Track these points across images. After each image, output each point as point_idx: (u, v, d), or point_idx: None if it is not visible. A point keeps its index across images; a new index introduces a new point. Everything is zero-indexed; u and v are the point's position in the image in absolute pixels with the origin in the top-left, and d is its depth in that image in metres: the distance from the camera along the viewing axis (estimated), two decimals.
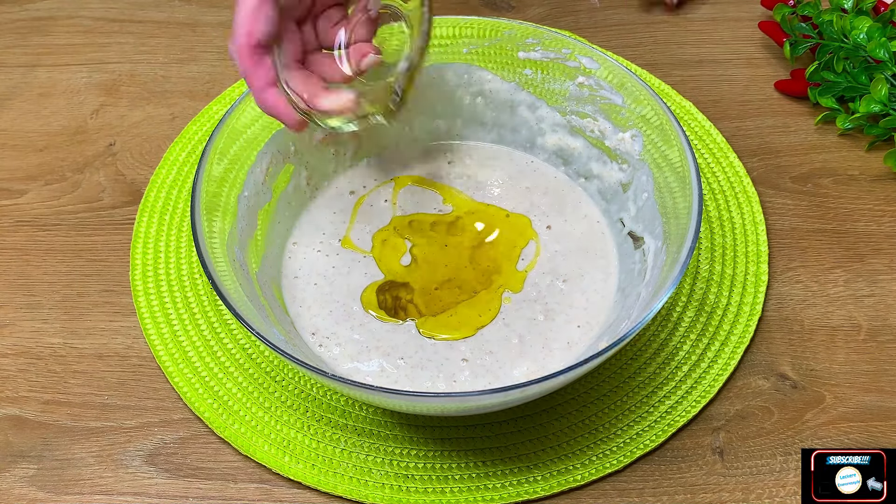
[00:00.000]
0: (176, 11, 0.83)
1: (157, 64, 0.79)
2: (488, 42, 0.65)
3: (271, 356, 0.61)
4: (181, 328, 0.62)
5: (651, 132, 0.60)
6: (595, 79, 0.63)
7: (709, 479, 0.56)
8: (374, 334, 0.59)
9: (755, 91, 0.76)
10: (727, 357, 0.61)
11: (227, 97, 0.75)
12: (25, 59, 0.80)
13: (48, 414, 0.59)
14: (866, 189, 0.70)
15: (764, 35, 0.80)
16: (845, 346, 0.62)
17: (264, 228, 0.62)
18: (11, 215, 0.69)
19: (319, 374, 0.49)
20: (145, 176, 0.71)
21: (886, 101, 0.69)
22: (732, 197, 0.69)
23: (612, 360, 0.61)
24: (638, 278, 0.59)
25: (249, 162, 0.61)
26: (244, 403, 0.59)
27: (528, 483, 0.56)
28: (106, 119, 0.75)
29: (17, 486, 0.56)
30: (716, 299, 0.63)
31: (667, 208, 0.58)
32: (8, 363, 0.61)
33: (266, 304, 0.57)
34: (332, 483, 0.56)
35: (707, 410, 0.59)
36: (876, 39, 0.70)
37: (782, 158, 0.72)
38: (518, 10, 0.83)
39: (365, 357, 0.58)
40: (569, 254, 0.63)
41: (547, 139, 0.67)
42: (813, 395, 0.60)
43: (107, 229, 0.68)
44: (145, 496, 0.56)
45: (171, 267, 0.65)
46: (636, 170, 0.62)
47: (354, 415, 0.59)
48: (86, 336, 0.63)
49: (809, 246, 0.67)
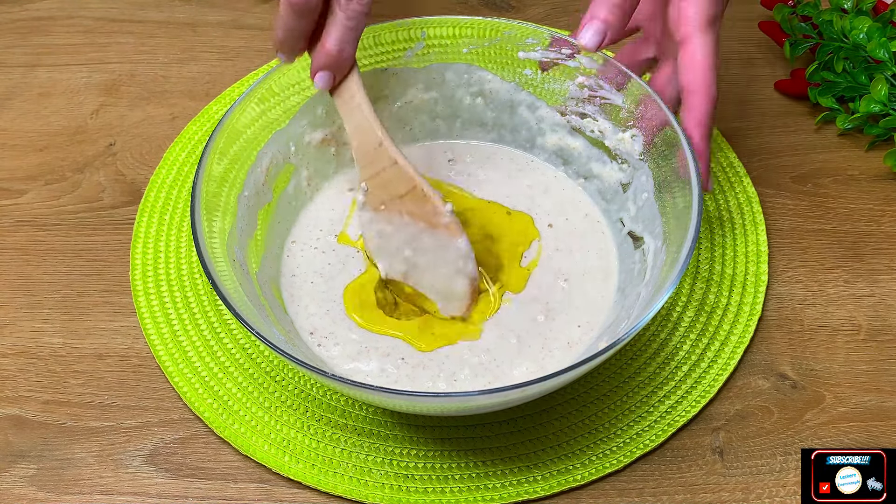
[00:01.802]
0: (176, 11, 0.83)
1: (157, 64, 0.79)
2: (488, 42, 0.65)
3: (271, 356, 0.61)
4: (181, 328, 0.62)
5: (651, 132, 0.60)
6: (595, 79, 0.63)
7: (709, 479, 0.56)
8: (374, 334, 0.59)
9: (755, 91, 0.76)
10: (727, 357, 0.61)
11: (227, 97, 0.75)
12: (25, 59, 0.80)
13: (48, 414, 0.59)
14: (866, 189, 0.70)
15: (764, 35, 0.80)
16: (845, 346, 0.62)
17: (264, 228, 0.62)
18: (11, 215, 0.69)
19: (319, 373, 0.49)
20: (145, 176, 0.71)
21: (886, 101, 0.69)
22: (732, 197, 0.69)
23: (612, 360, 0.61)
24: (638, 278, 0.59)
25: (249, 162, 0.61)
26: (244, 403, 0.59)
27: (528, 483, 0.56)
28: (106, 119, 0.75)
29: (17, 486, 0.56)
30: (716, 299, 0.63)
31: (667, 208, 0.58)
32: (8, 363, 0.61)
33: (266, 304, 0.57)
34: (332, 483, 0.56)
35: (707, 410, 0.59)
36: (876, 39, 0.70)
37: (782, 158, 0.72)
38: (518, 10, 0.83)
39: (365, 357, 0.58)
40: (569, 253, 0.63)
41: (547, 139, 0.67)
42: (813, 395, 0.60)
43: (107, 229, 0.68)
44: (145, 496, 0.56)
45: (171, 267, 0.65)
46: (636, 170, 0.62)
47: (354, 415, 0.59)
48: (86, 336, 0.63)
49: (809, 246, 0.67)
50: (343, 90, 0.59)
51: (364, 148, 0.60)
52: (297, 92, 0.63)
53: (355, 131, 0.60)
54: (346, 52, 0.57)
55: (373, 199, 0.61)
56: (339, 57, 0.57)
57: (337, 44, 0.56)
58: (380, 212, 0.61)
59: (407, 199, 0.60)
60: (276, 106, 0.62)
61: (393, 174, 0.59)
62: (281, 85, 0.62)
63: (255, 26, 0.82)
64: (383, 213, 0.61)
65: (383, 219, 0.61)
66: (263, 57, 0.79)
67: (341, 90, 0.59)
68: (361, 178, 0.61)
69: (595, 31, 0.59)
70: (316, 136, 0.65)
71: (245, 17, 0.83)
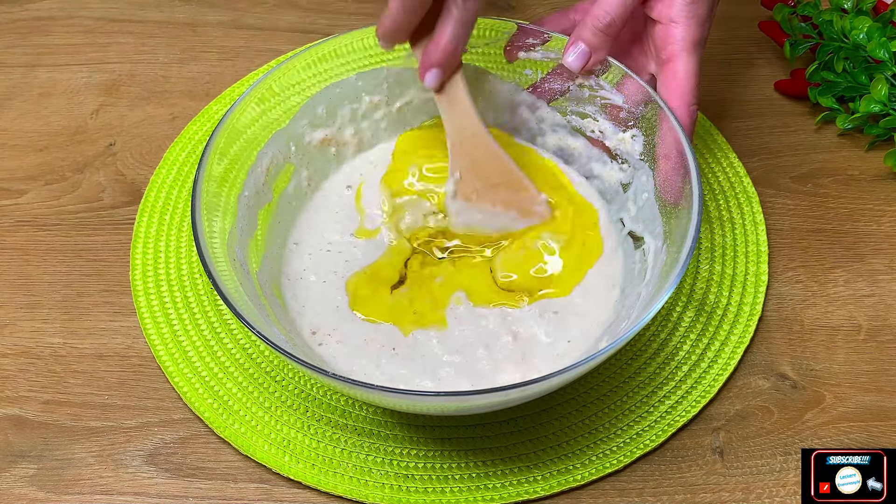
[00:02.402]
0: (176, 11, 0.83)
1: (157, 64, 0.79)
2: (488, 42, 0.65)
3: (271, 356, 0.61)
4: (181, 328, 0.62)
5: (651, 132, 0.60)
6: (595, 79, 0.63)
7: (709, 479, 0.56)
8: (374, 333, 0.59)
9: (755, 91, 0.76)
10: (727, 357, 0.61)
11: (227, 97, 0.75)
12: (25, 59, 0.80)
13: (48, 414, 0.59)
14: (866, 189, 0.70)
15: (764, 35, 0.80)
16: (845, 346, 0.62)
17: (264, 228, 0.62)
18: (11, 215, 0.69)
19: (320, 373, 0.49)
20: (145, 176, 0.71)
21: (886, 101, 0.69)
22: (732, 197, 0.69)
23: (612, 360, 0.61)
24: (638, 278, 0.59)
25: (249, 162, 0.61)
26: (244, 403, 0.59)
27: (528, 483, 0.56)
28: (106, 119, 0.75)
29: (17, 486, 0.56)
30: (716, 299, 0.63)
31: (667, 208, 0.58)
32: (8, 363, 0.61)
33: (266, 304, 0.57)
34: (332, 483, 0.56)
35: (707, 410, 0.59)
36: (876, 39, 0.70)
37: (782, 158, 0.72)
38: (518, 10, 0.83)
39: (366, 356, 0.58)
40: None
41: (547, 139, 0.67)
42: (813, 395, 0.60)
43: (107, 229, 0.68)
44: (145, 496, 0.56)
45: (171, 267, 0.65)
46: (636, 170, 0.62)
47: (354, 415, 0.59)
48: (86, 336, 0.63)
49: (809, 246, 0.67)
50: (449, 85, 0.60)
51: (462, 138, 0.61)
52: (298, 92, 0.63)
53: (454, 123, 0.61)
54: (460, 49, 0.58)
55: (465, 188, 0.62)
56: (454, 53, 0.57)
57: (452, 41, 0.57)
58: (471, 201, 0.62)
59: (502, 188, 0.61)
60: (276, 106, 0.62)
61: (491, 164, 0.61)
62: (281, 85, 0.62)
63: (255, 26, 0.82)
64: (475, 202, 0.62)
65: (474, 208, 0.62)
66: (263, 57, 0.79)
67: (447, 85, 0.60)
68: (455, 168, 0.61)
69: (579, 53, 0.61)
70: (316, 136, 0.65)
71: (245, 17, 0.83)
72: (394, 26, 0.56)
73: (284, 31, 0.81)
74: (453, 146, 0.61)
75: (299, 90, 0.63)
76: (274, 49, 0.80)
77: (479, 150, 0.61)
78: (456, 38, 0.57)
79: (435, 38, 0.57)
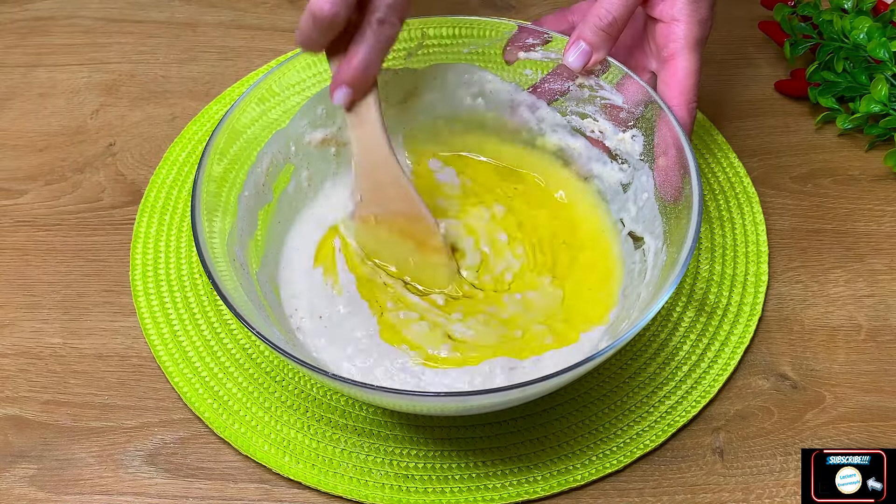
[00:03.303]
0: (176, 11, 0.83)
1: (157, 64, 0.79)
2: (488, 42, 0.65)
3: (271, 356, 0.61)
4: (181, 328, 0.62)
5: (651, 132, 0.60)
6: (595, 79, 0.63)
7: (709, 479, 0.56)
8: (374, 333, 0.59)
9: (755, 91, 0.76)
10: (727, 357, 0.61)
11: (227, 97, 0.75)
12: (25, 59, 0.80)
13: (48, 414, 0.59)
14: (866, 189, 0.70)
15: (764, 35, 0.80)
16: (845, 346, 0.62)
17: (265, 228, 0.62)
18: (11, 215, 0.69)
19: (319, 373, 0.49)
20: (145, 176, 0.71)
21: (886, 101, 0.69)
22: (732, 197, 0.69)
23: (612, 360, 0.61)
24: (638, 278, 0.59)
25: (249, 162, 0.61)
26: (244, 403, 0.59)
27: (528, 483, 0.56)
28: (106, 119, 0.75)
29: (17, 486, 0.56)
30: (716, 299, 0.63)
31: (667, 208, 0.58)
32: (8, 363, 0.61)
33: (266, 304, 0.57)
34: (332, 483, 0.56)
35: (707, 410, 0.59)
36: (876, 39, 0.70)
37: (782, 158, 0.72)
38: (518, 10, 0.83)
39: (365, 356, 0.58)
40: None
41: (547, 139, 0.67)
42: (813, 395, 0.60)
43: (107, 229, 0.68)
44: (145, 496, 0.56)
45: (171, 267, 0.65)
46: (636, 170, 0.62)
47: (354, 415, 0.59)
48: (86, 336, 0.63)
49: (809, 246, 0.67)
50: (360, 104, 0.58)
51: (367, 161, 0.59)
52: (298, 92, 0.63)
53: (361, 144, 0.59)
54: (371, 72, 0.56)
55: (364, 210, 0.61)
56: (365, 75, 0.56)
57: (363, 63, 0.56)
58: (369, 224, 0.61)
59: (400, 217, 0.60)
60: (276, 106, 0.62)
61: (393, 190, 0.59)
62: (281, 85, 0.62)
63: (255, 26, 0.82)
64: (372, 225, 0.61)
65: (371, 231, 0.61)
66: (263, 57, 0.79)
67: (357, 104, 0.58)
68: (357, 189, 0.61)
69: (580, 52, 0.60)
70: (316, 136, 0.65)
71: (245, 17, 0.83)
72: (305, 41, 0.55)
73: (284, 31, 0.81)
74: (357, 167, 0.60)
75: (299, 90, 0.63)
76: (274, 49, 0.80)
77: (382, 174, 0.59)
78: (367, 60, 0.55)
79: (348, 57, 0.56)
